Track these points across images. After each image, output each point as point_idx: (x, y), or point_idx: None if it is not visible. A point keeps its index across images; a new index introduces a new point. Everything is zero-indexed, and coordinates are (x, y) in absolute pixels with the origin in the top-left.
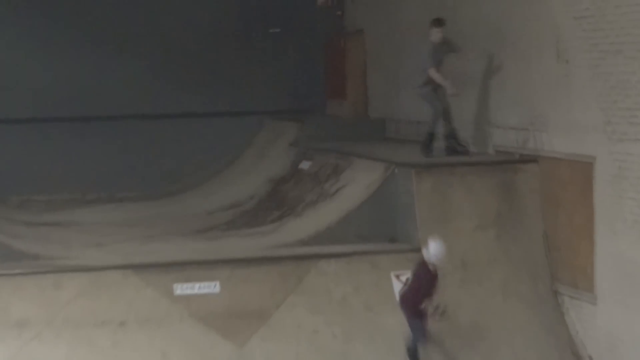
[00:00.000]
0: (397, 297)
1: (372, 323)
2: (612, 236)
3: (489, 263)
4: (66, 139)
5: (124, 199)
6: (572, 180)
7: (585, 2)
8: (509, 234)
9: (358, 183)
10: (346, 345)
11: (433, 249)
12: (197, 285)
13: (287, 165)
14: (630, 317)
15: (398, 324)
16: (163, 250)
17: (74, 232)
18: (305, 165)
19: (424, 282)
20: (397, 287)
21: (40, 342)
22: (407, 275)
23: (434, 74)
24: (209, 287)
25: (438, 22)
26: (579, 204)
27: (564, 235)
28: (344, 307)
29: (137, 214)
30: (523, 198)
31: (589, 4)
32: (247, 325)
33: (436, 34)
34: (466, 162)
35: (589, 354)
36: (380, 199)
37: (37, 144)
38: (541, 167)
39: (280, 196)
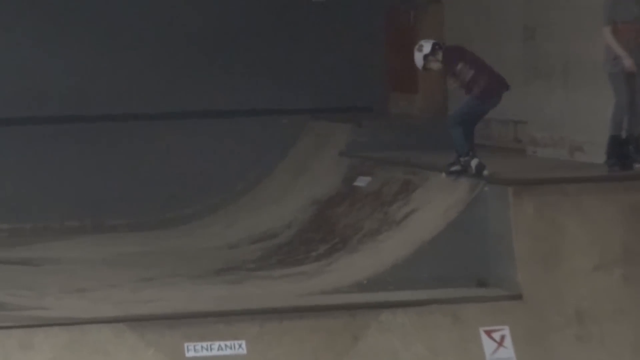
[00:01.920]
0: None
1: None
2: None
3: (613, 315)
4: (38, 146)
5: (116, 228)
6: None
7: None
8: None
9: (434, 206)
10: None
11: None
12: (216, 345)
13: (337, 183)
14: None
15: None
16: (169, 298)
17: (48, 273)
18: (362, 182)
19: None
20: (489, 348)
21: None
22: (502, 331)
23: (607, 35)
24: (232, 348)
25: None
26: None
27: None
28: None
29: (133, 249)
30: None
31: None
32: None
33: None
34: (583, 177)
35: None
36: (464, 228)
37: None
38: None
39: (328, 224)
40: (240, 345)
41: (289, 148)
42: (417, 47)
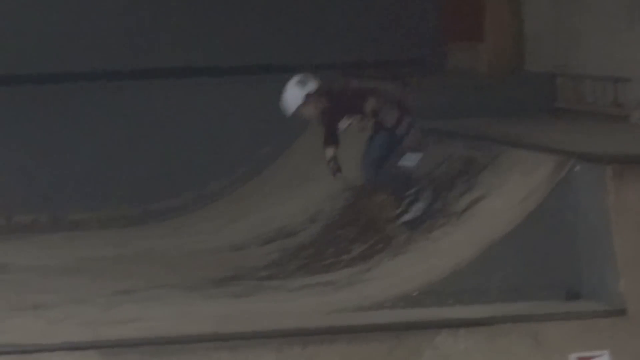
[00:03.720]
0: None
1: None
2: None
3: None
4: None
5: (81, 225)
6: None
7: None
8: None
9: (507, 193)
10: None
11: None
12: None
13: None
14: None
15: None
16: (153, 318)
17: None
18: (410, 160)
19: None
20: None
21: None
22: (599, 358)
23: None
24: None
25: None
26: None
27: None
28: None
29: (105, 252)
30: None
31: None
32: None
33: None
34: None
35: None
36: (547, 222)
37: None
38: None
39: (364, 218)
40: None
41: None
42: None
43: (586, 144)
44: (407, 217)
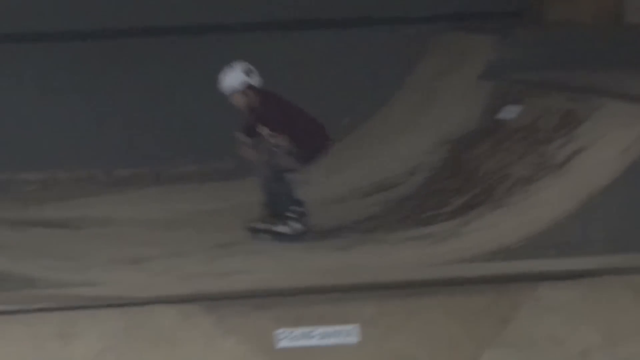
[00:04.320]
0: None
1: None
2: None
3: None
4: (75, 69)
5: (182, 178)
6: None
7: None
8: None
9: (608, 144)
10: None
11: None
12: (318, 331)
13: (476, 115)
14: None
15: None
16: (254, 270)
17: (94, 237)
18: (509, 113)
19: None
20: None
21: None
22: None
23: None
24: (339, 335)
25: None
26: None
27: None
28: None
29: (206, 205)
30: None
31: None
32: None
33: None
34: None
35: None
36: None
37: (21, 80)
38: None
39: (464, 170)
40: (351, 332)
41: (412, 69)
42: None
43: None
44: (280, 228)
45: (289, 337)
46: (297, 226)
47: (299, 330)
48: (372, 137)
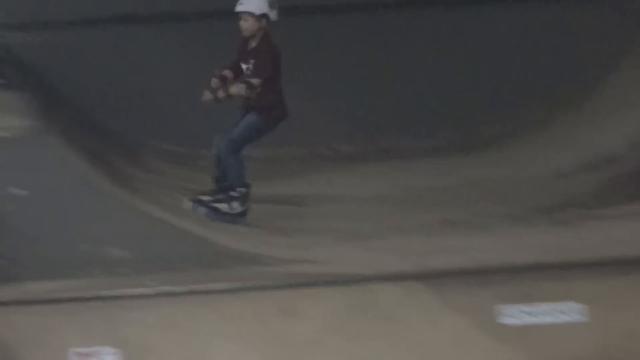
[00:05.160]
0: None
1: None
2: None
3: None
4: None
5: (405, 154)
6: None
7: None
8: None
9: None
10: None
11: None
12: (543, 309)
13: None
14: None
15: None
16: (478, 247)
17: (316, 214)
18: None
19: None
20: None
21: None
22: None
23: None
24: (566, 314)
25: None
26: None
27: None
28: None
29: (428, 181)
30: None
31: None
32: None
33: None
34: None
35: None
36: None
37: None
38: None
39: None
40: (574, 309)
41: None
42: None
43: None
44: (220, 205)
45: (511, 314)
46: (237, 206)
47: (522, 307)
48: (594, 110)
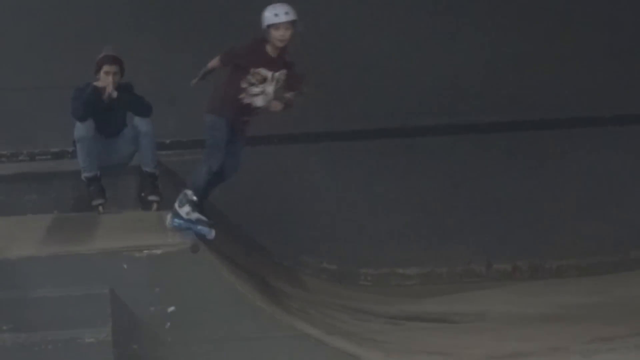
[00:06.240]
0: None
1: None
2: None
3: None
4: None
5: (559, 271)
6: None
7: None
8: None
9: None
10: None
11: None
12: None
13: None
14: None
15: None
16: None
17: (470, 331)
18: None
19: None
20: None
21: None
22: None
23: None
24: None
25: None
26: None
27: None
28: None
29: (581, 299)
30: None
31: None
32: None
33: None
34: None
35: None
36: None
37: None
38: None
39: None
40: None
41: None
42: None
43: None
44: (176, 205)
45: None
46: (188, 210)
47: None
48: None
